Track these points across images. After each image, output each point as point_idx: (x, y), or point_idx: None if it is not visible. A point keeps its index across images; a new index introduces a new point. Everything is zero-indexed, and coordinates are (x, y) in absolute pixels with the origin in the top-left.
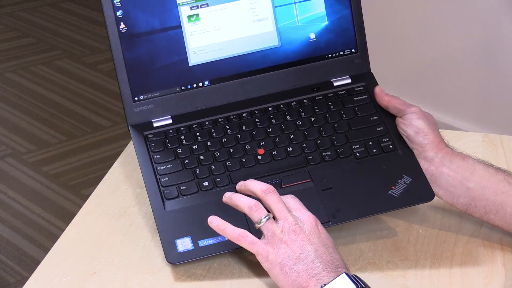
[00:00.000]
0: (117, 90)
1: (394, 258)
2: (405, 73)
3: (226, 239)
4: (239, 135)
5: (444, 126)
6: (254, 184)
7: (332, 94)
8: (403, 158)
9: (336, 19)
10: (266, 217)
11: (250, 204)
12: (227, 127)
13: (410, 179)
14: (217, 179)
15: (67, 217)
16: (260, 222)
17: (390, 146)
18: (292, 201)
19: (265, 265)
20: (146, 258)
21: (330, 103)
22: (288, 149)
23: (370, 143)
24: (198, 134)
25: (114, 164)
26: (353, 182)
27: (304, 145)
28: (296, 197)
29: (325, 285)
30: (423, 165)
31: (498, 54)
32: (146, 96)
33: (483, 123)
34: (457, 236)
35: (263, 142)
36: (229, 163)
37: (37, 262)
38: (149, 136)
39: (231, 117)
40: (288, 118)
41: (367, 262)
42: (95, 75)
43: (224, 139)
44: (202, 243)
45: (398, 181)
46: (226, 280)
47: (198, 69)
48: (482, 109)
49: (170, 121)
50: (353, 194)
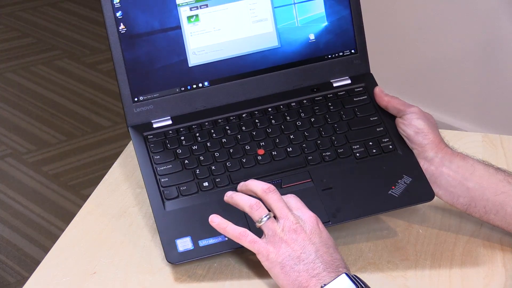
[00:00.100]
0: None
1: (394, 258)
2: (405, 73)
3: (226, 239)
4: (239, 136)
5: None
6: (255, 183)
7: (331, 95)
8: (403, 158)
9: (335, 20)
10: (267, 216)
11: (251, 203)
12: (227, 128)
13: (410, 179)
14: (217, 179)
15: (67, 217)
16: (261, 221)
17: (390, 146)
18: (293, 200)
19: (265, 264)
20: (146, 258)
21: (329, 104)
22: (288, 149)
23: (370, 143)
24: (198, 134)
25: (114, 164)
26: (353, 182)
27: (304, 145)
28: (297, 196)
29: (325, 285)
30: (423, 165)
31: (498, 54)
32: (145, 96)
33: (483, 123)
34: (457, 236)
35: (263, 143)
36: (229, 164)
37: (37, 262)
38: (149, 136)
39: (231, 117)
40: (288, 118)
41: (367, 262)
42: (95, 75)
43: (224, 140)
44: (202, 243)
45: (398, 181)
46: (226, 280)
47: (197, 69)
48: (482, 109)
49: (169, 121)
50: (353, 194)
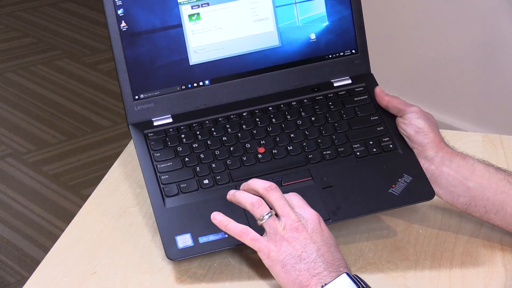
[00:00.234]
0: (117, 90)
1: (394, 258)
2: (405, 73)
3: (226, 236)
4: (240, 134)
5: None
6: (257, 182)
7: (332, 94)
8: (403, 157)
9: (336, 20)
10: (269, 214)
11: (252, 201)
12: (227, 126)
13: (411, 178)
14: (217, 177)
15: (67, 217)
16: (262, 219)
17: (390, 146)
18: (295, 198)
19: (266, 262)
20: (146, 258)
21: (330, 103)
22: (288, 147)
23: (371, 143)
24: (198, 132)
25: (114, 164)
26: (353, 181)
27: (304, 144)
28: (299, 195)
29: (326, 284)
30: (423, 164)
31: (498, 54)
32: (146, 94)
33: (483, 123)
34: (457, 236)
35: (264, 141)
36: (229, 161)
37: (37, 262)
38: (149, 134)
39: (232, 116)
40: (288, 117)
41: (367, 262)
42: (95, 75)
43: (224, 138)
44: (202, 240)
45: (399, 180)
46: (226, 280)
47: (198, 68)
48: (482, 109)
49: (170, 120)
50: (353, 192)
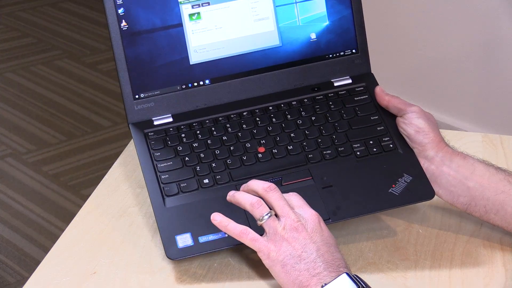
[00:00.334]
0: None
1: (394, 258)
2: (405, 73)
3: (226, 235)
4: (240, 134)
5: (444, 126)
6: (256, 183)
7: (332, 94)
8: (404, 157)
9: (337, 19)
10: (268, 214)
11: (252, 201)
12: (228, 126)
13: (411, 178)
14: (217, 177)
15: (67, 217)
16: (262, 219)
17: (391, 145)
18: (295, 198)
19: (266, 262)
20: (146, 258)
21: (330, 103)
22: (288, 147)
23: (371, 142)
24: (198, 132)
25: (114, 164)
26: (353, 180)
27: (304, 143)
28: (299, 194)
29: (326, 284)
30: (424, 164)
31: (498, 54)
32: (146, 94)
33: (483, 123)
34: (457, 236)
35: (264, 141)
36: (229, 161)
37: (37, 262)
38: (149, 134)
39: (232, 115)
40: (288, 117)
41: (367, 262)
42: (95, 75)
43: (224, 137)
44: (202, 239)
45: (399, 179)
46: (226, 280)
47: (199, 67)
48: (482, 109)
49: (170, 119)
50: (353, 192)
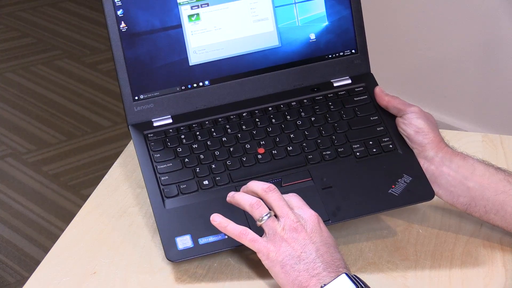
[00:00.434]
0: (117, 90)
1: (394, 258)
2: (405, 73)
3: (226, 237)
4: (239, 135)
5: (444, 126)
6: (255, 183)
7: (332, 95)
8: (403, 157)
9: (336, 20)
10: (268, 214)
11: (251, 202)
12: (227, 127)
13: (410, 178)
14: (217, 178)
15: (67, 217)
16: (261, 220)
17: (390, 146)
18: (294, 199)
19: (265, 263)
20: (146, 258)
21: (330, 103)
22: (288, 148)
23: (370, 143)
24: (198, 133)
25: (114, 164)
26: (353, 181)
27: (304, 144)
28: (298, 195)
29: (325, 285)
30: (423, 164)
31: (498, 54)
32: (146, 95)
33: (483, 123)
34: (457, 236)
35: (263, 142)
36: (229, 162)
37: (37, 262)
38: (149, 135)
39: (231, 116)
40: (288, 118)
41: (367, 262)
42: (95, 75)
43: (224, 139)
44: (202, 241)
45: (398, 180)
46: (226, 280)
47: (198, 68)
48: (482, 109)
49: (170, 120)
50: (353, 192)
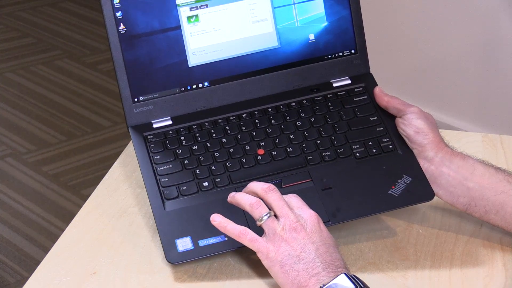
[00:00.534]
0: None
1: (394, 258)
2: (405, 73)
3: (226, 239)
4: (239, 136)
5: (444, 126)
6: (256, 184)
7: (331, 95)
8: (403, 158)
9: (335, 20)
10: (267, 214)
11: (251, 201)
12: (227, 128)
13: (410, 179)
14: (217, 179)
15: (67, 217)
16: (261, 220)
17: (390, 146)
18: (294, 199)
19: (265, 262)
20: (146, 258)
21: (329, 104)
22: (288, 149)
23: (370, 143)
24: (197, 135)
25: (114, 164)
26: (353, 182)
27: (304, 145)
28: (298, 196)
29: (324, 285)
30: (423, 165)
31: (498, 54)
32: (145, 97)
33: (483, 123)
34: (457, 236)
35: (263, 143)
36: (229, 164)
37: (37, 262)
38: (149, 137)
39: (231, 118)
40: (287, 118)
41: (367, 262)
42: (95, 75)
43: (223, 140)
44: (202, 243)
45: (398, 180)
46: (226, 280)
47: (197, 70)
48: (482, 109)
49: (169, 122)
50: (353, 193)
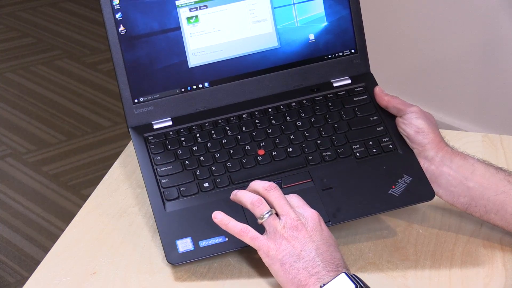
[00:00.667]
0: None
1: (394, 258)
2: (405, 73)
3: (226, 239)
4: (239, 136)
5: (444, 126)
6: (257, 183)
7: (332, 95)
8: (403, 157)
9: (335, 20)
10: (269, 212)
11: (253, 199)
12: (227, 128)
13: (411, 179)
14: (217, 180)
15: (67, 217)
16: (262, 218)
17: (390, 146)
18: (295, 199)
19: (265, 260)
20: (146, 258)
21: (330, 104)
22: (288, 149)
23: (370, 143)
24: (198, 135)
25: (114, 164)
26: (353, 182)
27: (304, 145)
28: (299, 195)
29: (324, 285)
30: (424, 164)
31: (498, 54)
32: (146, 98)
33: (483, 123)
34: (457, 236)
35: (263, 143)
36: (229, 164)
37: (37, 262)
38: (149, 137)
39: (231, 118)
40: (288, 118)
41: (367, 262)
42: (95, 75)
43: (224, 140)
44: (203, 244)
45: (398, 180)
46: (226, 279)
47: (197, 70)
48: (482, 109)
49: (170, 122)
50: (353, 193)
